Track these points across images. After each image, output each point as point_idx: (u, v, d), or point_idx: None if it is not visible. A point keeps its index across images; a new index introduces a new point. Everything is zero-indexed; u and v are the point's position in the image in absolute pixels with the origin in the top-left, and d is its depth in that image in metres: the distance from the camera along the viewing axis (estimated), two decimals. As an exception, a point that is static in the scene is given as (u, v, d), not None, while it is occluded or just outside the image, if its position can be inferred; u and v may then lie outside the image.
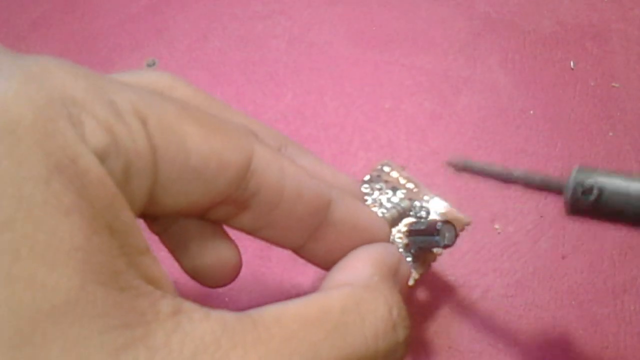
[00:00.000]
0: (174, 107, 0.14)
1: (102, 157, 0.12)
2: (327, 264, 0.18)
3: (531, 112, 0.32)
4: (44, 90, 0.12)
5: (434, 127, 0.31)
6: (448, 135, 0.31)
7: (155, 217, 0.17)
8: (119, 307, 0.11)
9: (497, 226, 0.28)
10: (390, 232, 0.23)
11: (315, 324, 0.14)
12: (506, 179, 0.20)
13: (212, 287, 0.18)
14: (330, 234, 0.17)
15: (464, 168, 0.22)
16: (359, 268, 0.17)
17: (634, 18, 0.35)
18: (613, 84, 0.33)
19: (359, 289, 0.15)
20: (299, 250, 0.18)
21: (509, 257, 0.27)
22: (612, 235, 0.27)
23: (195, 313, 0.12)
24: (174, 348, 0.11)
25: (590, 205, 0.17)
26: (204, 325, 0.12)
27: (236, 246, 0.17)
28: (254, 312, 0.13)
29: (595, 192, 0.16)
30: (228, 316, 0.13)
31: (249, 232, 0.17)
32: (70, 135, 0.11)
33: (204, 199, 0.15)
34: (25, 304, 0.10)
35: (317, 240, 0.17)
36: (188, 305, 0.12)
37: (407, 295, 0.21)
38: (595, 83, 0.33)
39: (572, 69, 0.33)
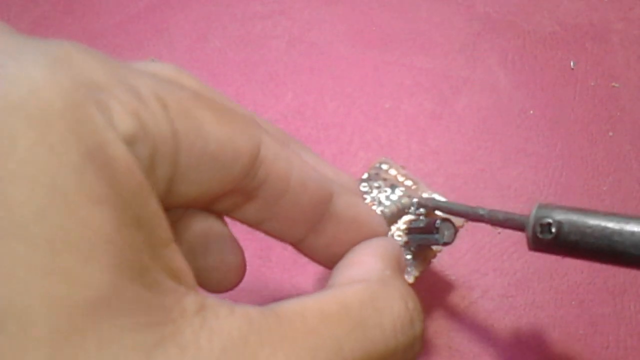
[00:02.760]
0: (188, 93, 0.14)
1: (130, 142, 0.12)
2: (326, 259, 0.18)
3: (531, 112, 0.32)
4: (71, 75, 0.11)
5: (434, 127, 0.31)
6: (448, 135, 0.31)
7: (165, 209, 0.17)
8: (147, 304, 0.11)
9: (497, 226, 0.28)
10: (390, 229, 0.23)
11: (337, 320, 0.13)
12: (472, 217, 0.21)
13: (214, 291, 0.17)
14: (330, 228, 0.17)
15: (430, 207, 0.23)
16: (369, 263, 0.17)
17: (634, 18, 0.35)
18: (613, 84, 0.33)
19: (374, 285, 0.15)
20: (298, 244, 0.18)
21: (509, 257, 0.27)
22: (612, 235, 0.27)
23: (220, 308, 0.12)
24: (203, 345, 0.11)
25: (551, 242, 0.17)
26: (230, 321, 0.12)
27: (241, 249, 0.17)
28: (276, 307, 0.13)
29: (553, 228, 0.17)
30: (252, 311, 0.12)
31: (252, 224, 0.17)
32: (99, 121, 0.11)
33: (216, 187, 0.15)
34: (62, 299, 0.10)
35: (318, 234, 0.17)
36: (212, 301, 0.12)
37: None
38: (595, 83, 0.33)
39: (572, 69, 0.33)
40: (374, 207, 0.24)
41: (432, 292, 0.26)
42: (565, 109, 0.32)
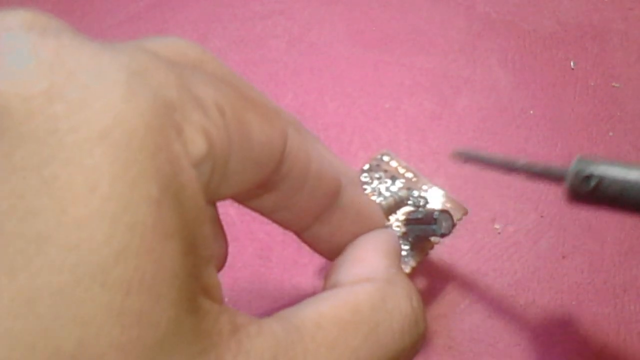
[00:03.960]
0: (235, 93, 0.14)
1: (199, 164, 0.11)
2: (327, 249, 0.18)
3: (531, 112, 0.32)
4: (150, 95, 0.11)
5: (434, 127, 0.31)
6: (448, 135, 0.31)
7: None
8: (195, 331, 0.11)
9: (497, 226, 0.28)
10: (388, 219, 0.24)
11: (351, 328, 0.14)
12: (510, 168, 0.21)
13: None
14: (336, 218, 0.17)
15: (468, 158, 0.22)
16: (374, 259, 0.17)
17: (634, 18, 0.35)
18: (613, 84, 0.33)
19: (382, 284, 0.15)
20: (302, 233, 0.17)
21: (509, 257, 0.27)
22: (612, 235, 0.27)
23: (250, 327, 0.12)
24: None
25: (590, 193, 0.17)
26: (260, 341, 0.12)
27: (225, 237, 0.17)
28: (294, 318, 0.13)
29: (594, 179, 0.17)
30: (276, 327, 0.12)
31: (264, 213, 0.17)
32: (176, 148, 0.11)
33: (248, 185, 0.14)
34: (132, 342, 0.09)
35: (323, 224, 0.17)
36: (241, 319, 0.12)
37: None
38: (595, 83, 0.33)
39: (572, 69, 0.33)
40: (373, 197, 0.24)
41: (432, 292, 0.26)
42: (565, 109, 0.32)
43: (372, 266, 0.17)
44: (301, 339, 0.13)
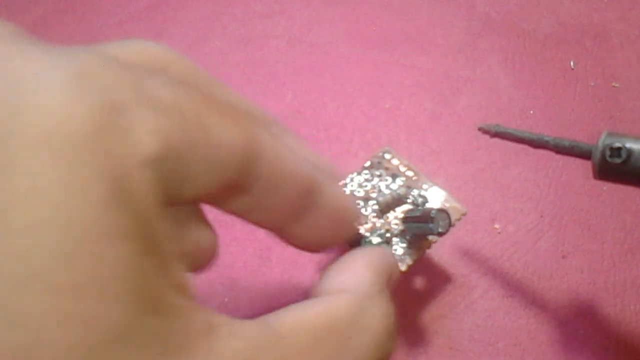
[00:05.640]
0: (198, 95, 0.14)
1: (152, 163, 0.11)
2: (305, 245, 0.18)
3: (531, 112, 0.32)
4: (95, 96, 0.11)
5: (434, 127, 0.31)
6: (448, 135, 0.31)
7: None
8: (161, 332, 0.11)
9: (497, 226, 0.28)
10: (386, 216, 0.24)
11: (326, 337, 0.14)
12: (537, 144, 0.21)
13: (187, 271, 0.17)
14: (313, 216, 0.17)
15: (495, 133, 0.23)
16: (361, 273, 0.17)
17: (634, 18, 0.35)
18: (613, 84, 0.33)
19: (362, 299, 0.16)
20: (279, 232, 0.17)
21: (509, 257, 0.27)
22: (612, 235, 0.27)
23: (223, 328, 0.12)
24: None
25: (619, 166, 0.17)
26: (234, 342, 0.12)
27: (214, 231, 0.17)
28: (274, 322, 0.13)
29: (623, 153, 0.17)
30: (252, 329, 0.12)
31: (237, 215, 0.16)
32: (124, 148, 0.11)
33: (212, 188, 0.14)
34: (79, 345, 0.09)
35: (300, 222, 0.17)
36: (217, 319, 0.12)
37: (405, 289, 0.21)
38: (595, 83, 0.33)
39: (572, 69, 0.33)
40: (373, 195, 0.24)
41: (432, 292, 0.26)
42: (565, 109, 0.32)
43: (357, 278, 0.17)
44: (276, 343, 0.13)
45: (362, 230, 0.23)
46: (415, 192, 0.24)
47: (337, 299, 0.15)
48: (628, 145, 0.17)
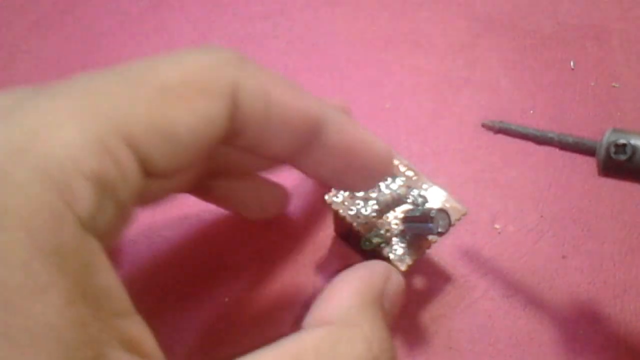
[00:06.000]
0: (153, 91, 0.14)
1: (92, 213, 0.11)
2: (324, 179, 0.18)
3: (531, 112, 0.32)
4: (32, 158, 0.11)
5: (434, 127, 0.31)
6: (448, 136, 0.31)
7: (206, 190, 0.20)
8: None
9: (497, 226, 0.28)
10: (386, 216, 0.23)
11: None
12: (541, 141, 0.21)
13: (259, 217, 0.22)
14: (318, 154, 0.17)
15: (499, 129, 0.22)
16: (340, 300, 0.16)
17: (634, 18, 0.35)
18: (613, 84, 0.33)
19: (336, 329, 0.15)
20: (293, 164, 0.18)
21: (509, 257, 0.27)
22: (612, 235, 0.27)
23: None
24: None
25: (623, 164, 0.17)
26: None
27: (281, 185, 0.21)
28: None
29: (628, 150, 0.17)
30: None
31: (242, 163, 0.19)
32: (56, 208, 0.11)
33: (200, 154, 0.15)
34: None
35: (310, 157, 0.17)
36: None
37: (406, 289, 0.21)
38: (595, 83, 0.33)
39: (572, 69, 0.33)
40: (373, 195, 0.24)
41: (432, 292, 0.26)
42: (565, 109, 0.32)
43: (334, 308, 0.16)
44: None
45: (361, 230, 0.23)
46: (415, 192, 0.24)
47: (305, 336, 0.15)
48: (633, 141, 0.17)
